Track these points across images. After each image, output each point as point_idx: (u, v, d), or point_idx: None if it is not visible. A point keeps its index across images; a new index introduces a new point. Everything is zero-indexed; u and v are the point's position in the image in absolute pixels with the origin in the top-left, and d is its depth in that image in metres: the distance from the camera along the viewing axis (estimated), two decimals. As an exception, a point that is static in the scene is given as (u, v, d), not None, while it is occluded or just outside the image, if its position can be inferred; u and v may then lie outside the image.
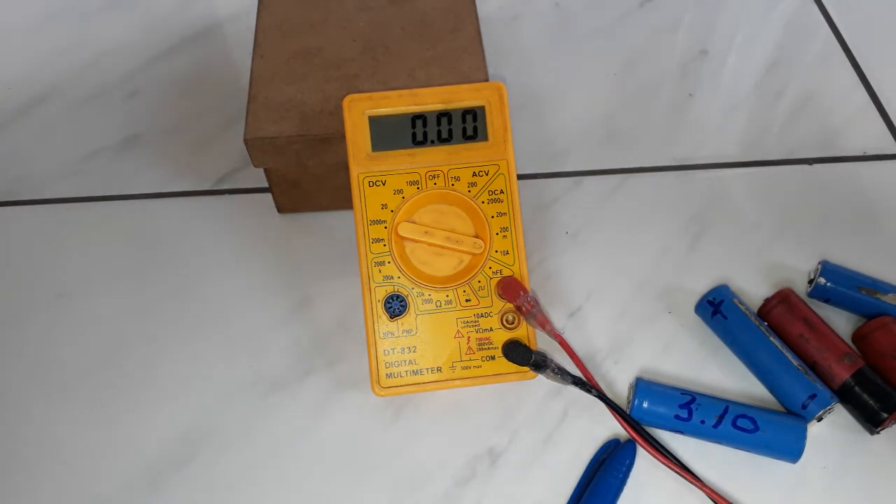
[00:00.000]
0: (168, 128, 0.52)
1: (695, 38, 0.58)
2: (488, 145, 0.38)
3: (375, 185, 0.38)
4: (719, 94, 0.54)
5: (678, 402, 0.37)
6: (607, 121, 0.52)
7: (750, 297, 0.43)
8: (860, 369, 0.38)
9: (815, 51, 0.57)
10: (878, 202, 0.47)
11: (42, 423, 0.39)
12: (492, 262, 0.38)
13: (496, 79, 0.45)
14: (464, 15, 0.46)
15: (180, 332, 0.42)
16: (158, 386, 0.40)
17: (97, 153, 0.50)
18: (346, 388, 0.40)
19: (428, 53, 0.44)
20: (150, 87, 0.54)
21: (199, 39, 0.57)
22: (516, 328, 0.38)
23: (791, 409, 0.38)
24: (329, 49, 0.44)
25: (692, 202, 0.47)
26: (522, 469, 0.37)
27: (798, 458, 0.36)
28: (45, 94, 0.54)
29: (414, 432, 0.39)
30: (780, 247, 0.45)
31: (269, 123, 0.41)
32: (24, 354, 0.41)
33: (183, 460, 0.38)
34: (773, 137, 0.51)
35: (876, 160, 0.49)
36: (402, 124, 0.38)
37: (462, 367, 0.37)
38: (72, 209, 0.47)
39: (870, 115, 0.52)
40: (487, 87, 0.38)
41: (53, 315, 0.43)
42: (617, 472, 0.36)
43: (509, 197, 0.38)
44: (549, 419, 0.39)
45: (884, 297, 0.40)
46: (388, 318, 0.37)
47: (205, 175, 0.49)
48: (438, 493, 0.37)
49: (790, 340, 0.39)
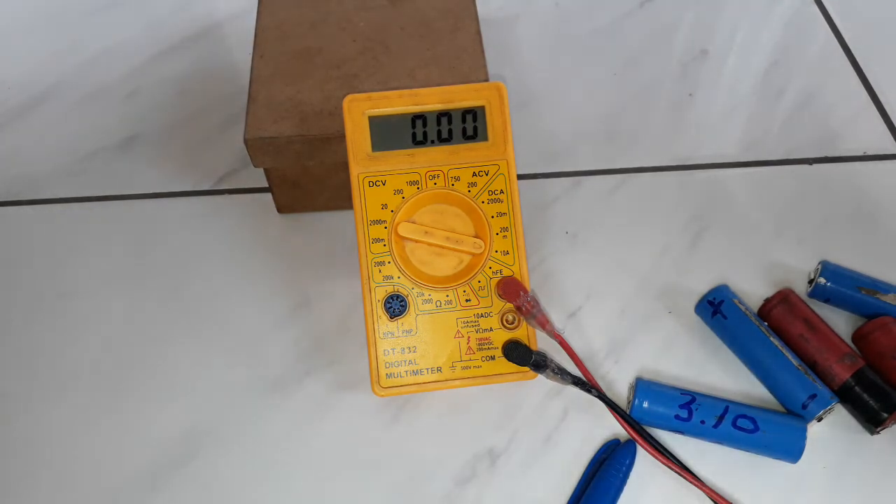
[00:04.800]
0: (168, 128, 0.52)
1: (695, 38, 0.58)
2: (488, 145, 0.38)
3: (375, 185, 0.38)
4: (719, 94, 0.54)
5: (678, 402, 0.37)
6: (607, 121, 0.52)
7: (750, 297, 0.43)
8: (860, 369, 0.38)
9: (815, 51, 0.57)
10: (878, 202, 0.47)
11: (42, 423, 0.39)
12: (492, 262, 0.38)
13: (496, 79, 0.44)
14: (464, 15, 0.46)
15: (180, 332, 0.42)
16: (158, 386, 0.40)
17: (97, 153, 0.50)
18: (346, 388, 0.40)
19: (428, 53, 0.44)
20: (150, 86, 0.54)
21: (199, 39, 0.57)
22: (516, 328, 0.38)
23: (791, 409, 0.38)
24: (329, 49, 0.44)
25: (692, 202, 0.47)
26: (522, 469, 0.37)
27: (798, 458, 0.36)
28: (45, 94, 0.54)
29: (414, 432, 0.39)
30: (780, 247, 0.45)
31: (269, 123, 0.41)
32: (24, 354, 0.41)
33: (183, 460, 0.38)
34: (773, 137, 0.51)
35: (876, 160, 0.49)
36: (402, 124, 0.38)
37: (462, 367, 0.37)
38: (72, 209, 0.47)
39: (870, 115, 0.52)
40: (487, 87, 0.38)
41: (53, 315, 0.43)
42: (617, 472, 0.36)
43: (509, 197, 0.38)
44: (549, 419, 0.39)
45: (884, 297, 0.40)
46: (388, 318, 0.37)
47: (205, 175, 0.49)
48: (438, 493, 0.37)
49: (790, 340, 0.39)
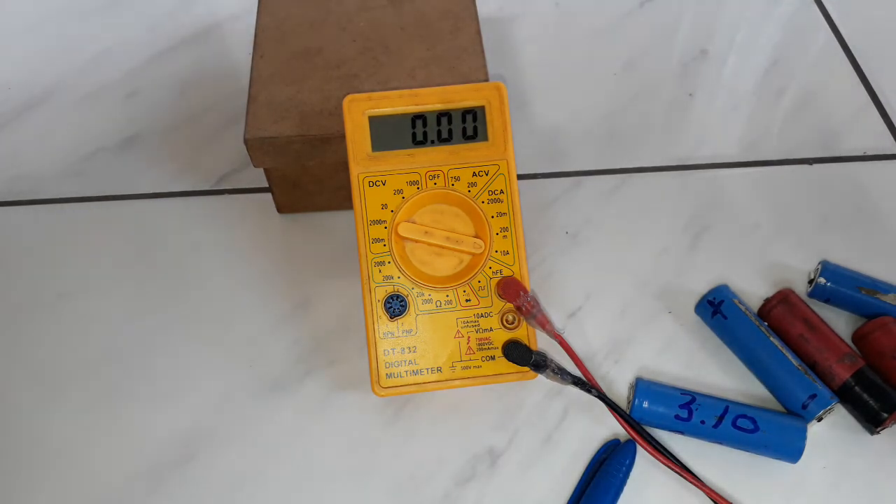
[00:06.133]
0: (168, 128, 0.52)
1: (695, 38, 0.58)
2: (488, 145, 0.38)
3: (375, 185, 0.38)
4: (719, 94, 0.54)
5: (678, 402, 0.37)
6: (607, 121, 0.52)
7: (750, 297, 0.43)
8: (860, 369, 0.38)
9: (815, 51, 0.57)
10: (878, 202, 0.47)
11: (42, 423, 0.39)
12: (492, 262, 0.38)
13: (496, 79, 0.44)
14: (464, 15, 0.46)
15: (180, 332, 0.42)
16: (158, 386, 0.40)
17: (97, 153, 0.50)
18: (346, 388, 0.40)
19: (428, 53, 0.44)
20: (150, 87, 0.54)
21: (199, 39, 0.57)
22: (516, 328, 0.38)
23: (791, 409, 0.38)
24: (329, 49, 0.44)
25: (692, 202, 0.47)
26: (522, 469, 0.37)
27: (798, 458, 0.36)
28: (45, 94, 0.54)
29: (414, 432, 0.39)
30: (780, 247, 0.45)
31: (269, 123, 0.41)
32: (24, 354, 0.41)
33: (183, 460, 0.38)
34: (773, 137, 0.51)
35: (876, 160, 0.49)
36: (402, 124, 0.38)
37: (462, 367, 0.37)
38: (72, 209, 0.47)
39: (870, 115, 0.52)
40: (487, 87, 0.38)
41: (53, 315, 0.43)
42: (617, 472, 0.36)
43: (509, 197, 0.38)
44: (549, 419, 0.39)
45: (884, 297, 0.40)
46: (388, 318, 0.37)
47: (205, 175, 0.49)
48: (438, 493, 0.37)
49: (790, 340, 0.39)
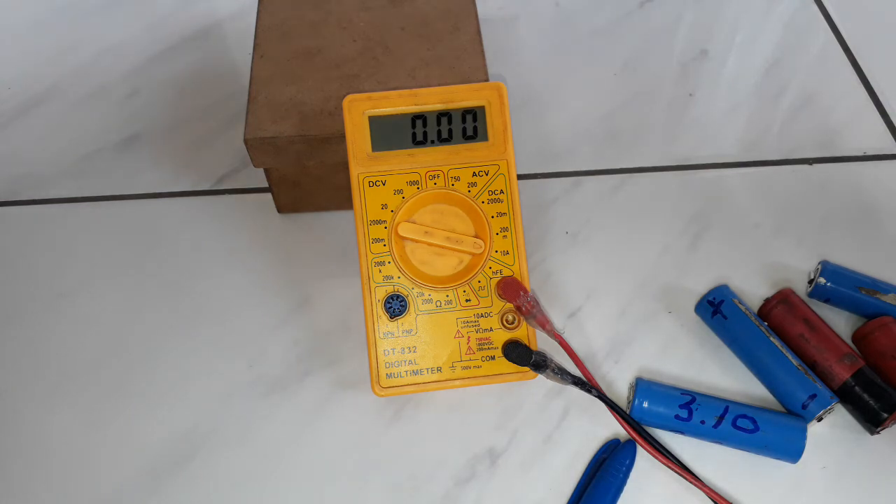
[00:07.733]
0: (168, 128, 0.52)
1: (695, 38, 0.58)
2: (488, 145, 0.38)
3: (375, 185, 0.38)
4: (719, 94, 0.54)
5: (678, 402, 0.37)
6: (607, 121, 0.52)
7: (750, 297, 0.43)
8: (860, 369, 0.38)
9: (815, 51, 0.57)
10: (878, 202, 0.47)
11: (42, 423, 0.39)
12: (492, 262, 0.38)
13: (496, 79, 0.45)
14: (464, 15, 0.46)
15: (180, 332, 0.42)
16: (158, 386, 0.40)
17: (97, 153, 0.50)
18: (345, 388, 0.40)
19: (428, 53, 0.44)
20: (150, 87, 0.54)
21: (199, 39, 0.57)
22: (516, 328, 0.38)
23: (791, 409, 0.38)
24: (329, 49, 0.44)
25: (692, 202, 0.47)
26: (522, 469, 0.37)
27: (798, 458, 0.36)
28: (45, 94, 0.54)
29: (414, 432, 0.39)
30: (780, 247, 0.45)
31: (269, 123, 0.41)
32: (24, 354, 0.41)
33: (183, 460, 0.38)
34: (773, 137, 0.51)
35: (876, 160, 0.49)
36: (402, 124, 0.38)
37: (462, 367, 0.37)
38: (72, 209, 0.47)
39: (870, 115, 0.52)
40: (487, 87, 0.38)
41: (53, 315, 0.43)
42: (617, 472, 0.36)
43: (509, 197, 0.38)
44: (549, 419, 0.39)
45: (884, 297, 0.40)
46: (388, 318, 0.37)
47: (205, 175, 0.49)
48: (438, 493, 0.37)
49: (790, 340, 0.39)
